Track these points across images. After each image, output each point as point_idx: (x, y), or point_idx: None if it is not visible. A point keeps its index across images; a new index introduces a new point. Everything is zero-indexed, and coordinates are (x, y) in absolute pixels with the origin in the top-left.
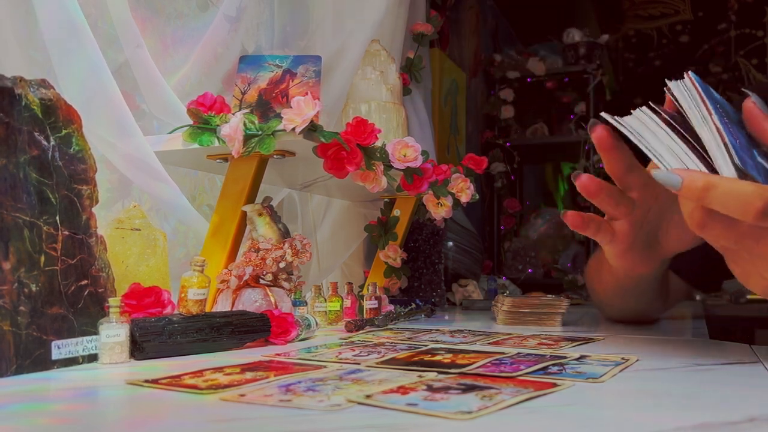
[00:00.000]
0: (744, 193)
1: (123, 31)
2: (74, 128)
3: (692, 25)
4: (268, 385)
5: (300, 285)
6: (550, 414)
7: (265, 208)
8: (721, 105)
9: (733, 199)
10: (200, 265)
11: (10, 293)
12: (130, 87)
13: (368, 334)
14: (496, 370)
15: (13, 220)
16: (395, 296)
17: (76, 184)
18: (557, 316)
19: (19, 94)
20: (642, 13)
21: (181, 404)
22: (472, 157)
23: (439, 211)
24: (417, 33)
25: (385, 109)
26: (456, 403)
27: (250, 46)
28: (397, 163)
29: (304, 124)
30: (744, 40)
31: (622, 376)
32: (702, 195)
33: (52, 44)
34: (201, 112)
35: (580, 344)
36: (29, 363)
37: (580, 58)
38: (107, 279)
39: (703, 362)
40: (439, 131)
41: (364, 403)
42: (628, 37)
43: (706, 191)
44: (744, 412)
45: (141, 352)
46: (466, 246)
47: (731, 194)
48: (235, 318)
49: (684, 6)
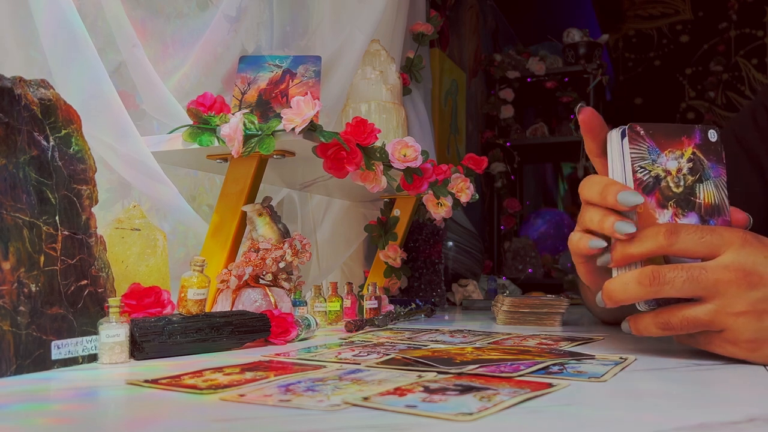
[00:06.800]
0: (647, 231)
1: (119, 31)
2: (74, 128)
3: (692, 25)
4: (267, 385)
5: (300, 285)
6: (550, 414)
7: (264, 208)
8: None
9: (645, 239)
10: (200, 265)
11: (10, 293)
12: (130, 87)
13: (368, 334)
14: (496, 370)
15: (12, 220)
16: (395, 296)
17: (75, 184)
18: (557, 316)
19: (19, 94)
20: (642, 13)
21: (181, 404)
22: (472, 157)
23: (439, 211)
24: (417, 33)
25: (385, 109)
26: (455, 405)
27: (250, 46)
28: (397, 163)
29: (303, 124)
30: (744, 40)
31: (622, 376)
32: (623, 253)
33: (50, 48)
34: (201, 112)
35: (579, 344)
36: (29, 363)
37: (580, 58)
38: (107, 279)
39: (703, 362)
40: (439, 131)
41: (362, 405)
42: (628, 37)
43: (625, 249)
44: (744, 412)
45: (141, 352)
46: (466, 246)
47: (641, 238)
48: (235, 318)
49: (684, 6)
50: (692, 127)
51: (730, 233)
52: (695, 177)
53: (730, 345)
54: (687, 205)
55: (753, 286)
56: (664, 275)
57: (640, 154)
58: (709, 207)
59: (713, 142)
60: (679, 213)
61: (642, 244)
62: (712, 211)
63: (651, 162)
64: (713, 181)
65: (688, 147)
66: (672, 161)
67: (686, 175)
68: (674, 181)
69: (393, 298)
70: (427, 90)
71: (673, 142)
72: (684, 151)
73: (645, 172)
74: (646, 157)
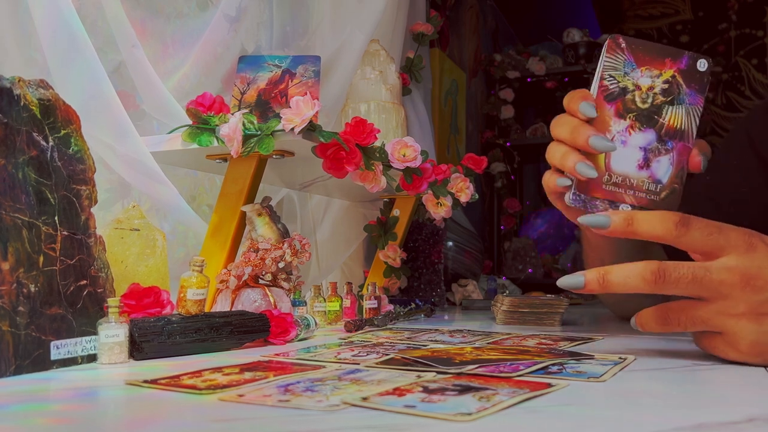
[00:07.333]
0: (661, 214)
1: (119, 31)
2: (73, 128)
3: (692, 25)
4: (267, 386)
5: (299, 285)
6: (550, 414)
7: (264, 208)
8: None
9: (655, 221)
10: (199, 265)
11: (9, 293)
12: (129, 87)
13: (367, 334)
14: (495, 370)
15: (12, 220)
16: (395, 296)
17: (74, 184)
18: (556, 315)
19: (18, 95)
20: (642, 13)
21: (180, 404)
22: (471, 157)
23: (439, 210)
24: (417, 33)
25: (385, 109)
26: (454, 405)
27: (250, 46)
28: (397, 163)
29: (303, 124)
30: (744, 40)
31: (622, 376)
32: (627, 227)
33: (49, 48)
34: (200, 112)
35: (579, 344)
36: (28, 363)
37: (580, 58)
38: (106, 279)
39: (702, 362)
40: (439, 131)
41: (361, 405)
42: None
43: (629, 223)
44: (743, 412)
45: (140, 353)
46: (466, 246)
47: (651, 218)
48: (234, 318)
49: (684, 6)
50: (681, 52)
51: (737, 235)
52: (667, 98)
53: (732, 349)
54: (647, 121)
55: (756, 289)
56: (669, 274)
57: (614, 65)
58: (672, 129)
59: (701, 71)
60: (636, 127)
61: (651, 226)
62: (674, 134)
63: (623, 74)
64: (686, 107)
65: (669, 69)
66: (645, 78)
67: (657, 95)
68: (641, 96)
69: (392, 298)
70: (427, 90)
71: (654, 60)
72: (663, 71)
73: (613, 81)
74: (619, 68)
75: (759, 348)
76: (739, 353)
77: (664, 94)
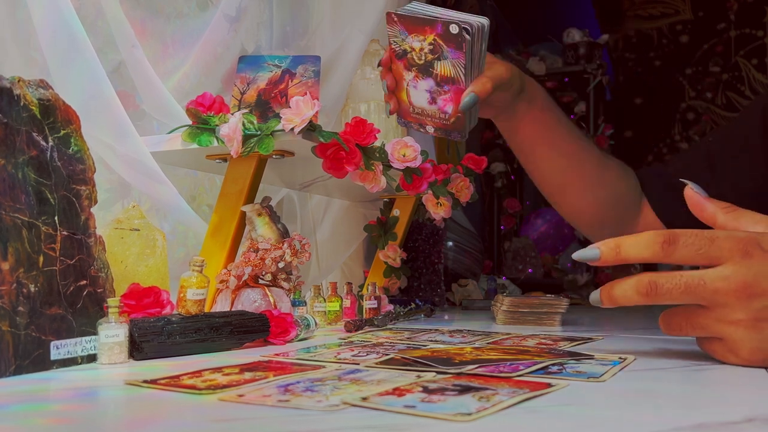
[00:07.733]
0: (647, 237)
1: (118, 31)
2: (73, 128)
3: (692, 25)
4: (266, 386)
5: (299, 285)
6: (550, 414)
7: (264, 208)
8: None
9: (641, 246)
10: (199, 265)
11: (9, 294)
12: (129, 87)
13: (367, 334)
14: (495, 370)
15: (11, 220)
16: (395, 296)
17: (74, 184)
18: (556, 315)
19: (18, 95)
20: (642, 13)
21: (180, 404)
22: (471, 157)
23: (439, 211)
24: None
25: (385, 108)
26: (454, 405)
27: (250, 46)
28: (397, 163)
29: (303, 124)
30: (744, 40)
31: (622, 376)
32: (616, 256)
33: (49, 48)
34: (200, 112)
35: (579, 344)
36: (28, 363)
37: (580, 58)
38: (106, 279)
39: (702, 362)
40: None
41: (361, 405)
42: (628, 37)
43: (618, 252)
44: (743, 412)
45: (140, 353)
46: (466, 246)
47: (637, 243)
48: (234, 318)
49: (684, 6)
50: (436, 20)
51: (731, 243)
52: (435, 56)
53: (732, 355)
54: (425, 72)
55: (754, 297)
56: (661, 286)
57: (395, 34)
58: (445, 77)
59: (454, 34)
60: (419, 77)
61: (638, 250)
62: (448, 80)
63: (401, 40)
64: (450, 61)
65: (430, 35)
66: (416, 42)
67: (427, 53)
68: (417, 55)
69: (392, 298)
70: None
71: (418, 29)
72: (426, 37)
73: (397, 45)
74: (398, 36)
75: (760, 354)
76: (739, 359)
77: (431, 52)
